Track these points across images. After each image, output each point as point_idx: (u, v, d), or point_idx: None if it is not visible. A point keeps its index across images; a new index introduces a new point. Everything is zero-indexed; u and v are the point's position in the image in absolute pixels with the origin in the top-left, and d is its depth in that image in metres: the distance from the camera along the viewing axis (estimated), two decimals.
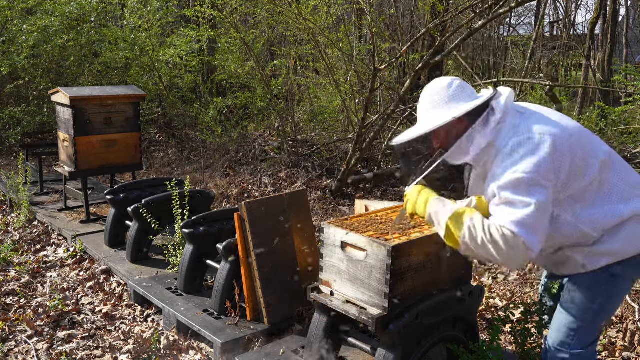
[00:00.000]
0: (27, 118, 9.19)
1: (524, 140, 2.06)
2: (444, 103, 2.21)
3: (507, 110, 2.16)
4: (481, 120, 2.15)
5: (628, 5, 15.60)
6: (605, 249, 2.17)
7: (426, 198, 2.28)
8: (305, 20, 6.42)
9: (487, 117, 2.16)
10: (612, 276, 2.19)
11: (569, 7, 14.61)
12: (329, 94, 8.82)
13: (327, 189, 6.56)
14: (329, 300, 2.59)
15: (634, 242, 2.16)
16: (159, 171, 8.14)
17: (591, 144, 2.17)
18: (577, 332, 2.26)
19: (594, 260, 2.19)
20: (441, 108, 2.21)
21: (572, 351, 2.27)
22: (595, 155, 2.14)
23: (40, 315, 3.81)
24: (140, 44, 8.94)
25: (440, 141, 2.27)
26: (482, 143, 2.15)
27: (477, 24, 5.43)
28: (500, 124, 2.15)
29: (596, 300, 2.22)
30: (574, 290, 2.28)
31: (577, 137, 2.14)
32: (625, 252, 2.16)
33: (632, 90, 7.88)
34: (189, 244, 3.82)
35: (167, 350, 3.38)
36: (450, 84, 2.23)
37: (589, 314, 2.24)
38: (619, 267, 2.19)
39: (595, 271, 2.21)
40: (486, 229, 2.06)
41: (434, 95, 2.24)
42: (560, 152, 2.06)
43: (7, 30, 9.18)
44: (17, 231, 5.56)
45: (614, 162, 2.19)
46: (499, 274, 4.45)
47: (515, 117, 2.16)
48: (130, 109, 5.48)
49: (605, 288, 2.21)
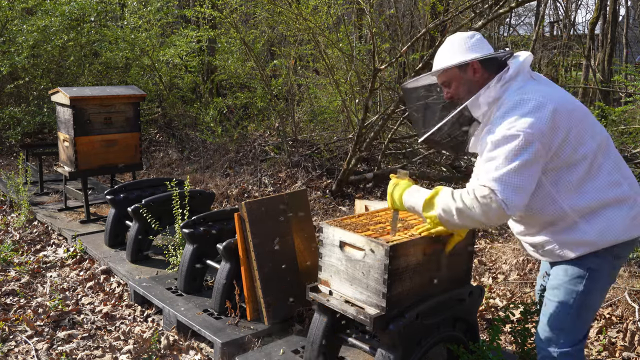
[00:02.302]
0: (27, 118, 9.19)
1: (525, 100, 2.09)
2: (464, 50, 2.26)
3: (521, 71, 2.20)
4: (499, 75, 2.19)
5: (628, 5, 15.60)
6: (580, 238, 2.16)
7: (399, 194, 2.32)
8: (305, 20, 6.43)
9: (502, 74, 2.20)
10: (588, 269, 2.19)
11: (569, 7, 14.61)
12: (329, 94, 8.81)
13: (327, 189, 6.56)
14: (328, 300, 2.59)
15: (609, 233, 2.14)
16: (159, 171, 8.14)
17: (592, 126, 2.18)
18: (563, 330, 2.25)
19: (570, 249, 2.19)
20: (460, 53, 2.26)
21: (560, 349, 2.26)
22: (592, 136, 2.15)
23: (40, 315, 3.81)
24: (140, 44, 8.94)
25: (451, 92, 2.30)
26: (491, 98, 2.18)
27: (477, 24, 5.42)
28: (510, 81, 2.18)
29: (574, 296, 2.21)
30: (554, 287, 2.28)
31: (580, 114, 2.15)
32: (600, 243, 2.15)
33: (632, 90, 7.88)
34: (189, 244, 3.82)
35: (167, 350, 3.38)
36: (471, 35, 2.28)
37: (570, 309, 2.23)
38: (596, 260, 2.18)
39: (572, 262, 2.21)
40: (457, 198, 2.09)
41: (454, 43, 2.29)
42: (558, 120, 2.07)
43: (7, 30, 9.18)
44: (17, 231, 5.56)
45: (609, 149, 2.20)
46: (499, 274, 4.45)
47: (527, 79, 2.20)
48: (130, 109, 5.48)
49: (583, 283, 2.20)
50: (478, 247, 4.92)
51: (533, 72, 2.26)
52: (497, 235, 5.23)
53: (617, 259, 2.22)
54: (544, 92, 2.12)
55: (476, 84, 2.23)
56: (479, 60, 2.22)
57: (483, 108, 2.22)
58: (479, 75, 2.23)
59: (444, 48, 2.32)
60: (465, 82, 2.25)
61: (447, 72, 2.27)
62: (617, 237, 2.15)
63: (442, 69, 2.27)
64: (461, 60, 2.22)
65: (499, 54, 2.25)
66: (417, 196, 2.25)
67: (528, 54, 2.24)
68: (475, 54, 2.23)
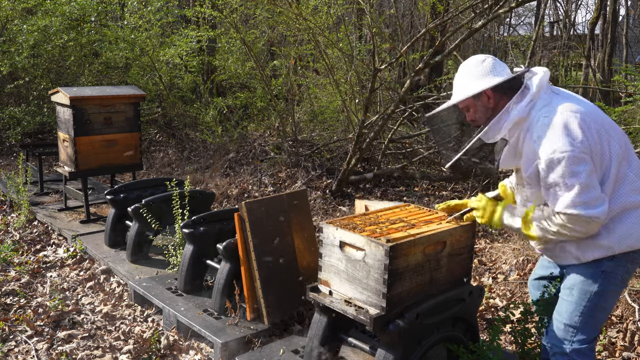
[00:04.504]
0: (27, 118, 9.19)
1: (555, 118, 2.15)
2: (475, 78, 2.31)
3: (542, 87, 2.25)
4: (517, 96, 2.25)
5: (628, 5, 15.59)
6: (598, 242, 2.22)
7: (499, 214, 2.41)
8: (305, 20, 6.42)
9: (523, 93, 2.26)
10: (603, 272, 2.25)
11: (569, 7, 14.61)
12: (329, 94, 8.81)
13: (327, 189, 6.56)
14: (328, 300, 2.59)
15: (628, 238, 2.20)
16: (159, 171, 8.14)
17: (617, 133, 2.24)
18: (576, 328, 2.30)
19: (586, 252, 2.25)
20: (472, 82, 2.32)
21: (572, 347, 2.31)
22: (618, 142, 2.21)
23: (40, 315, 3.81)
24: (140, 44, 8.94)
25: (472, 116, 2.37)
26: (516, 118, 2.24)
27: (477, 24, 5.42)
28: (535, 100, 2.24)
29: (588, 297, 2.27)
30: (569, 287, 2.34)
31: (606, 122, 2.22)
32: (617, 248, 2.21)
33: (632, 90, 7.87)
34: (189, 244, 3.82)
35: (167, 350, 3.38)
36: (482, 59, 2.34)
37: (584, 310, 2.28)
38: (611, 263, 2.23)
39: (587, 265, 2.27)
40: (551, 222, 2.19)
41: (466, 71, 2.36)
42: (590, 131, 2.14)
43: (7, 30, 9.18)
44: (17, 231, 5.56)
45: (631, 155, 2.26)
46: (499, 274, 4.45)
47: (550, 94, 2.26)
48: (130, 109, 5.48)
49: (597, 284, 2.26)
50: (478, 247, 4.92)
51: (553, 87, 2.32)
52: (497, 235, 5.23)
53: (633, 264, 2.27)
54: (569, 104, 2.19)
55: (492, 109, 2.31)
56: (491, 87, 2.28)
57: (506, 130, 2.27)
58: (493, 100, 2.31)
59: (458, 77, 2.39)
60: (481, 108, 2.33)
61: (463, 101, 2.36)
62: (634, 243, 2.21)
63: (454, 103, 2.37)
64: (473, 92, 2.29)
65: (509, 77, 2.29)
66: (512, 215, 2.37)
67: (545, 70, 2.30)
68: (485, 83, 2.29)
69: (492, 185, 5.85)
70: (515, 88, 2.27)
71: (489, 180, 6.23)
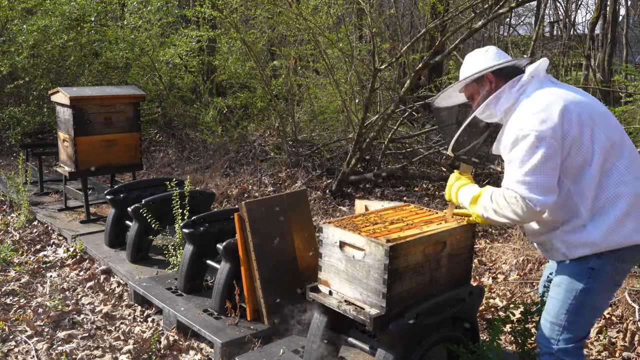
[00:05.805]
0: (27, 118, 9.19)
1: (536, 101, 2.16)
2: (478, 64, 2.37)
3: (536, 75, 2.27)
4: (513, 80, 2.27)
5: (628, 5, 15.59)
6: (584, 239, 2.19)
7: (457, 188, 2.46)
8: (305, 20, 6.42)
9: (518, 79, 2.28)
10: (590, 270, 2.22)
11: (569, 7, 14.61)
12: (329, 94, 8.81)
13: (327, 189, 6.56)
14: (328, 300, 2.59)
15: (613, 235, 2.16)
16: (159, 171, 8.14)
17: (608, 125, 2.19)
18: (562, 327, 2.28)
19: (573, 249, 2.23)
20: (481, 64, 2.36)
21: (558, 346, 2.28)
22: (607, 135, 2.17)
23: (40, 315, 3.81)
24: (140, 44, 8.94)
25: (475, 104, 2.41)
26: (508, 102, 2.26)
27: (477, 24, 5.43)
28: (526, 85, 2.26)
29: (574, 294, 2.25)
30: (557, 285, 2.32)
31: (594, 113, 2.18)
32: (603, 245, 2.18)
33: (632, 90, 7.87)
34: (189, 244, 3.82)
35: (167, 350, 3.38)
36: (486, 49, 2.41)
37: (569, 307, 2.26)
38: (598, 261, 2.21)
39: (575, 262, 2.25)
40: (494, 199, 2.21)
41: (470, 60, 2.41)
42: (569, 118, 2.12)
43: (7, 30, 9.17)
44: (17, 231, 5.56)
45: (624, 151, 2.21)
46: (499, 274, 4.45)
47: (543, 82, 2.27)
48: (130, 109, 5.48)
49: (584, 282, 2.23)
50: (478, 247, 4.92)
51: (551, 77, 2.33)
52: (497, 235, 5.23)
53: (622, 262, 2.23)
54: (557, 92, 2.18)
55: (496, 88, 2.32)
56: (492, 71, 2.32)
57: (500, 114, 2.30)
58: (494, 85, 2.33)
59: (464, 65, 2.44)
60: (485, 94, 2.35)
61: (467, 87, 2.40)
62: (620, 240, 2.17)
63: (458, 83, 2.40)
64: (473, 72, 2.34)
65: (510, 62, 2.32)
66: (469, 193, 2.39)
67: (543, 59, 2.31)
68: (485, 65, 2.33)
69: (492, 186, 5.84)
70: (514, 73, 2.31)
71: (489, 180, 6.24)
